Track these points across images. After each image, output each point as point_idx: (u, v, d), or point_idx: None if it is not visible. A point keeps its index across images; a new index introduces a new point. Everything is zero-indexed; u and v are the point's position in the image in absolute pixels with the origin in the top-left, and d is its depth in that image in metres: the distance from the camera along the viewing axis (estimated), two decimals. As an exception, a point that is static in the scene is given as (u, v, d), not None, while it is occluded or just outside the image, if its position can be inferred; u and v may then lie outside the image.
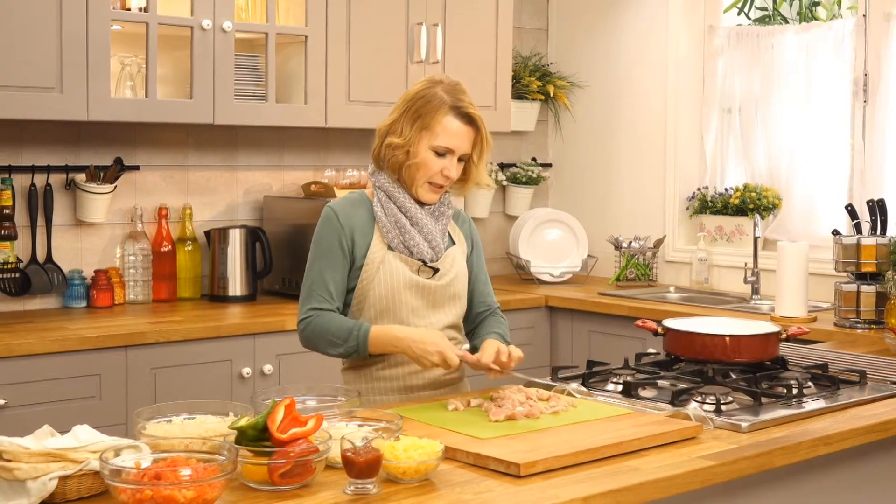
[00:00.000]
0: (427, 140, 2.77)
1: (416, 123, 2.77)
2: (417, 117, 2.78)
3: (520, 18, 5.50)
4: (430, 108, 2.77)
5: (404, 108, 2.81)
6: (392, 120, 2.82)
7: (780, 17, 5.64)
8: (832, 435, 2.49)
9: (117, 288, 4.27)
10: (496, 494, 2.01)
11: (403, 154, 2.79)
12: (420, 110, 2.78)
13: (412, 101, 2.80)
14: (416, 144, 2.78)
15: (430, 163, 2.78)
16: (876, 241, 3.99)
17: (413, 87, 2.84)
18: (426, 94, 2.79)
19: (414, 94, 2.81)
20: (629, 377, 2.85)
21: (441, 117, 2.77)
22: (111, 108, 3.95)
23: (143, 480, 1.82)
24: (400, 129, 2.79)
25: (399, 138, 2.78)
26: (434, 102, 2.77)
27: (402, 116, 2.80)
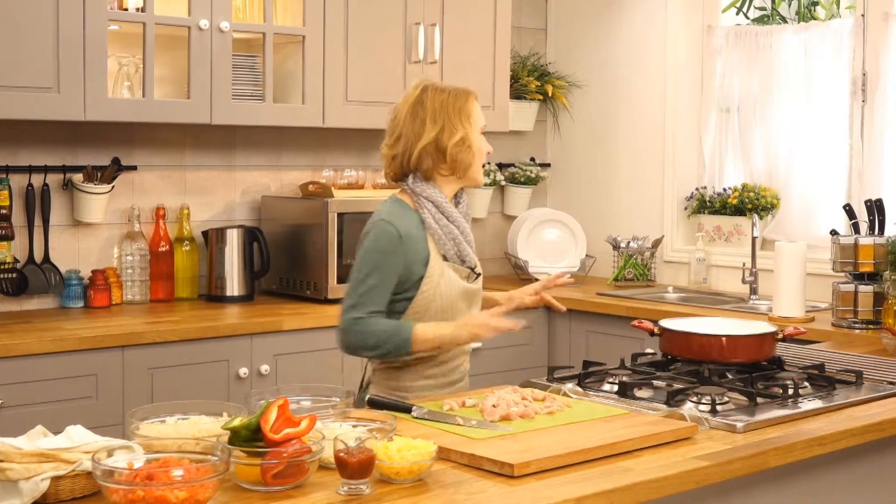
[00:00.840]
0: (474, 124, 2.99)
1: (461, 116, 2.97)
2: (459, 111, 2.97)
3: (518, 18, 5.50)
4: (462, 100, 2.98)
5: (443, 112, 2.96)
6: (439, 129, 2.95)
7: (779, 17, 5.63)
8: (827, 435, 2.48)
9: (114, 288, 4.27)
10: (490, 495, 2.01)
11: (465, 147, 2.96)
12: (457, 105, 2.97)
13: (445, 105, 2.96)
14: (471, 132, 2.97)
15: (482, 145, 3.02)
16: (874, 241, 3.98)
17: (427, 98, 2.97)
18: (449, 92, 2.98)
19: (441, 99, 2.97)
20: (625, 377, 2.84)
21: (473, 103, 3.00)
22: (108, 109, 3.95)
23: (135, 481, 1.81)
24: (452, 130, 2.95)
25: (458, 137, 2.95)
26: (461, 95, 2.99)
27: (448, 121, 2.95)
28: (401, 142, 2.99)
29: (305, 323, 4.11)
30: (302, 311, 4.24)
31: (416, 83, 3.06)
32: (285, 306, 4.34)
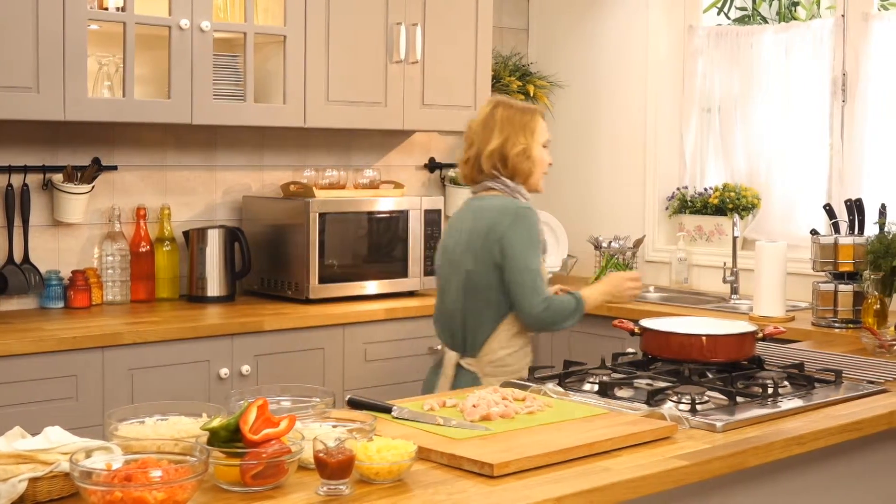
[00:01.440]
0: (536, 139, 3.40)
1: (525, 131, 3.37)
2: (523, 126, 3.38)
3: (500, 18, 5.50)
4: (528, 116, 3.41)
5: (508, 125, 3.38)
6: (503, 139, 3.36)
7: (760, 17, 5.65)
8: (805, 434, 2.49)
9: (95, 288, 4.25)
10: (469, 495, 2.01)
11: (526, 157, 3.37)
12: (523, 120, 3.39)
13: (511, 119, 3.39)
14: (533, 146, 3.38)
15: (544, 157, 3.44)
16: (853, 240, 4.00)
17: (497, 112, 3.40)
18: (516, 109, 3.42)
19: (509, 114, 3.39)
20: (605, 377, 2.85)
21: (538, 120, 3.42)
22: (88, 108, 3.94)
23: (113, 482, 1.81)
24: (516, 140, 3.36)
25: (520, 148, 3.36)
26: (527, 112, 3.42)
27: (512, 132, 3.37)
28: (473, 148, 3.43)
29: (286, 323, 4.11)
30: (283, 311, 4.23)
31: (490, 99, 3.54)
32: (266, 306, 4.33)
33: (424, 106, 4.78)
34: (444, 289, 3.45)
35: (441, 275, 3.47)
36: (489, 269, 3.29)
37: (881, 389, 2.92)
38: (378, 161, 5.12)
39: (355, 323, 4.29)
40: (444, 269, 3.45)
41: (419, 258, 4.69)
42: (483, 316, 3.33)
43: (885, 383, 2.99)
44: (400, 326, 4.42)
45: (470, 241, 3.32)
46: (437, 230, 4.73)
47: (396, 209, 4.66)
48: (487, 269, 3.29)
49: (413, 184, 5.22)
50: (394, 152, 5.18)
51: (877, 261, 3.88)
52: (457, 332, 3.39)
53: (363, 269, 4.59)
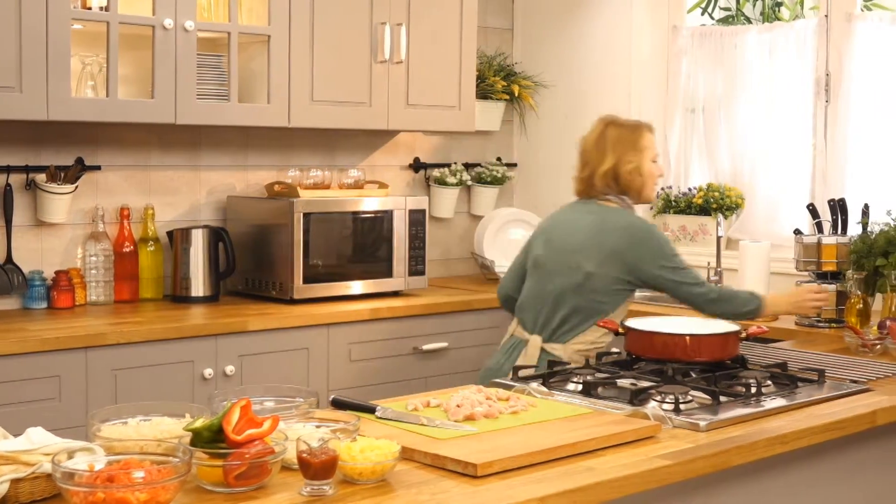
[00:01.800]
0: (646, 154, 3.61)
1: (635, 148, 3.59)
2: (633, 144, 3.59)
3: (484, 18, 5.50)
4: (637, 134, 3.63)
5: (619, 145, 3.60)
6: (616, 159, 3.58)
7: (744, 18, 5.67)
8: (788, 434, 2.50)
9: (78, 289, 4.23)
10: (452, 495, 2.01)
11: (637, 174, 3.58)
12: (630, 138, 3.61)
13: (620, 139, 3.61)
14: (643, 162, 3.60)
15: (654, 170, 3.65)
16: (836, 240, 4.02)
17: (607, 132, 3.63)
18: (625, 127, 3.64)
19: (619, 134, 3.62)
20: (589, 377, 2.85)
21: (646, 136, 3.64)
22: (72, 108, 3.92)
23: (95, 483, 1.80)
24: (629, 158, 3.58)
25: (633, 163, 3.58)
26: (635, 130, 3.64)
27: (623, 152, 3.59)
28: (587, 168, 3.64)
29: (271, 323, 4.10)
30: (267, 311, 4.23)
31: (600, 118, 3.71)
32: (251, 307, 4.32)
33: (409, 106, 4.78)
34: (545, 279, 3.59)
35: (543, 265, 3.62)
36: (610, 280, 3.50)
37: (864, 389, 2.93)
38: (363, 161, 5.11)
39: (340, 323, 4.28)
40: (549, 262, 3.60)
41: (404, 258, 4.69)
42: (588, 312, 3.51)
43: (867, 383, 3.00)
44: (385, 326, 4.42)
45: (594, 248, 3.51)
46: (421, 230, 4.73)
47: (381, 209, 4.65)
48: (609, 279, 3.50)
49: (398, 184, 5.22)
50: (378, 152, 5.18)
51: (860, 260, 3.90)
52: (551, 319, 3.55)
53: (348, 269, 4.59)
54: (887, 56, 4.52)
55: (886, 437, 2.92)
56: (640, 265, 3.48)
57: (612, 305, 3.52)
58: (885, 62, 4.53)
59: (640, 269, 3.48)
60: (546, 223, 3.76)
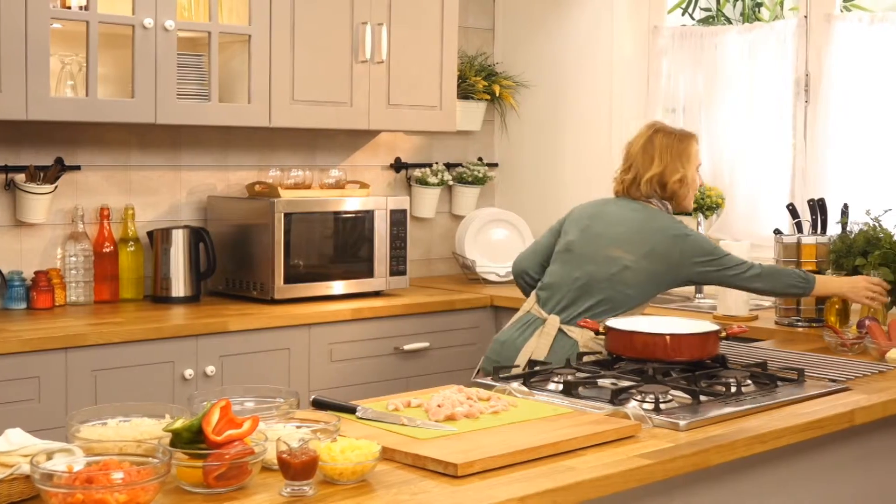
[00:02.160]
0: (692, 164, 3.69)
1: (682, 158, 3.65)
2: (680, 154, 3.65)
3: (466, 18, 5.51)
4: (685, 143, 3.68)
5: (666, 154, 3.65)
6: (663, 167, 3.64)
7: (724, 18, 5.68)
8: (768, 433, 2.51)
9: (58, 289, 4.22)
10: (433, 495, 2.01)
11: (682, 183, 3.66)
12: (679, 148, 3.66)
13: (669, 147, 3.66)
14: (689, 172, 3.67)
15: (697, 179, 3.74)
16: (816, 240, 4.03)
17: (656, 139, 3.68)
18: (673, 135, 3.69)
19: (667, 142, 3.67)
20: (570, 376, 2.86)
21: (693, 146, 3.70)
22: (51, 108, 3.91)
23: (74, 484, 1.80)
24: (676, 168, 3.64)
25: (679, 173, 3.64)
26: (684, 139, 3.69)
27: (671, 160, 3.65)
28: (631, 171, 3.69)
29: (251, 324, 4.09)
30: (248, 311, 4.22)
31: (649, 123, 3.79)
32: (231, 307, 4.31)
33: (390, 106, 4.78)
34: (574, 264, 3.65)
35: (576, 251, 3.66)
36: (645, 276, 3.55)
37: (843, 388, 2.94)
38: (344, 161, 5.11)
39: (321, 323, 4.28)
40: (583, 248, 3.65)
41: (385, 258, 4.69)
42: (615, 302, 3.56)
43: (846, 382, 3.01)
44: (366, 326, 4.42)
45: (636, 243, 3.57)
46: (402, 230, 4.73)
47: (362, 209, 4.65)
48: (644, 275, 3.55)
49: (379, 184, 5.22)
50: (359, 152, 5.17)
51: (839, 260, 3.91)
52: (577, 303, 3.59)
53: (329, 269, 4.59)
54: (866, 56, 4.54)
55: (865, 436, 2.93)
56: (683, 265, 3.55)
57: (639, 300, 3.59)
58: (865, 62, 4.55)
59: (683, 269, 3.56)
60: (584, 211, 3.78)
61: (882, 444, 3.03)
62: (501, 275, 5.19)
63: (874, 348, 3.40)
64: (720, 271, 3.57)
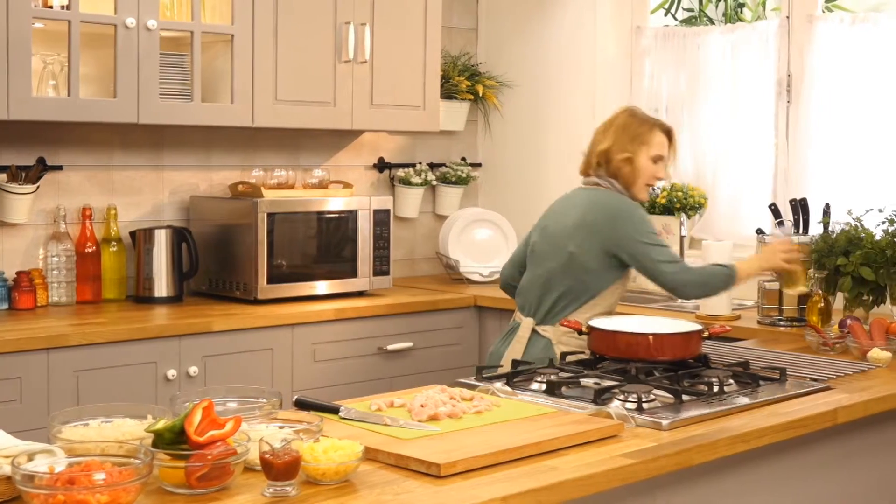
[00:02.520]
0: (646, 151, 3.61)
1: (636, 141, 3.61)
2: (635, 136, 3.62)
3: (449, 18, 5.51)
4: (646, 128, 3.64)
5: (620, 132, 3.64)
6: (612, 143, 3.63)
7: (707, 19, 5.70)
8: (750, 432, 2.51)
9: (40, 290, 4.20)
10: (416, 495, 2.01)
11: (629, 164, 3.60)
12: (636, 131, 3.63)
13: (626, 126, 3.65)
14: (639, 156, 3.60)
15: (649, 169, 3.62)
16: (798, 240, 4.04)
17: (619, 118, 3.69)
18: (637, 118, 3.68)
19: (626, 121, 3.67)
20: (553, 376, 2.86)
21: (654, 134, 3.64)
22: (32, 108, 3.90)
23: (55, 485, 1.79)
24: (622, 147, 3.61)
25: (626, 153, 3.60)
26: (645, 124, 3.65)
27: (619, 138, 3.63)
28: (590, 145, 3.72)
29: (234, 324, 4.08)
30: (231, 311, 4.21)
31: (624, 105, 3.82)
32: (214, 307, 4.30)
33: (373, 106, 4.77)
34: (537, 263, 3.69)
35: (537, 251, 3.71)
36: (592, 257, 3.55)
37: (825, 387, 2.95)
38: (327, 161, 5.10)
39: (304, 323, 4.27)
40: (542, 247, 3.69)
41: (368, 258, 4.69)
42: (577, 292, 3.57)
43: (828, 381, 3.03)
44: (349, 326, 4.41)
45: (577, 228, 3.57)
46: (385, 230, 4.73)
47: (345, 209, 4.65)
48: (591, 256, 3.55)
49: (362, 184, 5.22)
50: (343, 152, 5.17)
51: (821, 260, 3.93)
52: (543, 301, 3.62)
53: (312, 269, 4.58)
54: (848, 57, 4.56)
55: (847, 435, 2.95)
56: (619, 238, 3.51)
57: (599, 285, 3.57)
58: (846, 63, 4.56)
59: (618, 242, 3.51)
60: (545, 213, 3.83)
61: (864, 442, 3.04)
62: (485, 275, 5.19)
63: (856, 347, 3.41)
64: (654, 260, 3.49)
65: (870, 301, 3.87)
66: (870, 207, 4.02)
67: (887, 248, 3.78)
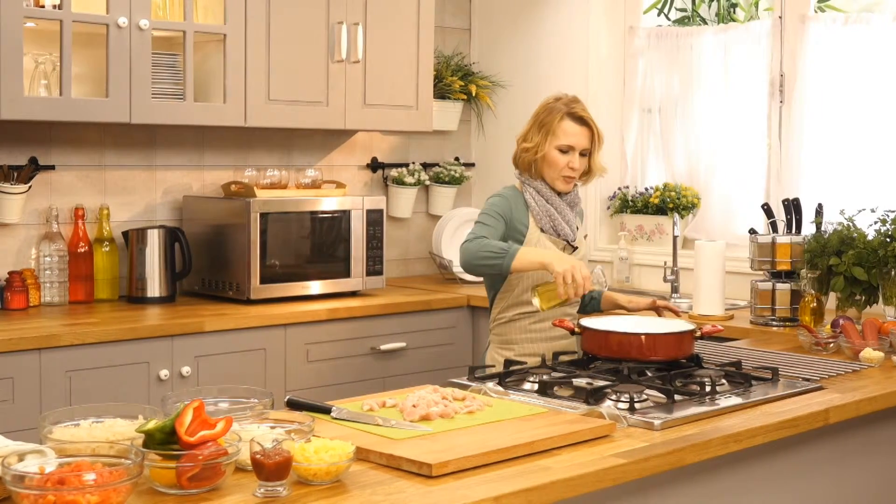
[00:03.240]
0: (550, 139, 3.50)
1: (542, 130, 3.52)
2: (542, 125, 3.52)
3: (442, 18, 5.51)
4: (551, 116, 3.52)
5: (532, 120, 3.56)
6: (525, 130, 3.57)
7: (700, 19, 5.70)
8: (742, 432, 2.51)
9: (32, 290, 4.19)
10: (407, 495, 2.01)
11: (533, 155, 3.52)
12: (544, 119, 3.53)
13: (537, 114, 3.56)
14: (543, 146, 3.50)
15: (558, 159, 3.51)
16: (790, 239, 4.05)
17: (539, 105, 3.58)
18: (548, 107, 3.55)
19: (539, 108, 3.57)
20: (545, 376, 2.86)
21: (560, 122, 3.50)
22: (24, 107, 3.89)
23: (46, 486, 1.79)
24: (530, 136, 3.54)
25: (529, 143, 3.53)
26: (554, 112, 3.52)
27: (531, 127, 3.55)
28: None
29: (227, 324, 4.08)
30: (224, 311, 4.21)
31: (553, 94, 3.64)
32: (207, 307, 4.30)
33: (366, 106, 4.77)
34: None
35: None
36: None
37: (817, 387, 2.95)
38: (320, 161, 5.10)
39: (297, 323, 4.27)
40: None
41: (361, 258, 4.68)
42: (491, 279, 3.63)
43: (820, 381, 3.03)
44: (342, 326, 4.41)
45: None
46: (379, 230, 4.73)
47: (338, 209, 4.64)
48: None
49: (356, 184, 5.21)
50: (336, 152, 5.17)
51: (813, 260, 3.93)
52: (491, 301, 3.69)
53: (305, 269, 4.58)
54: (840, 57, 4.56)
55: (839, 434, 2.95)
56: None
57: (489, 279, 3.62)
58: (839, 63, 4.57)
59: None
60: None
61: (856, 442, 3.04)
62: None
63: (848, 347, 3.41)
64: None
65: (862, 301, 3.87)
66: (862, 207, 4.02)
67: (879, 248, 3.78)
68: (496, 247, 3.35)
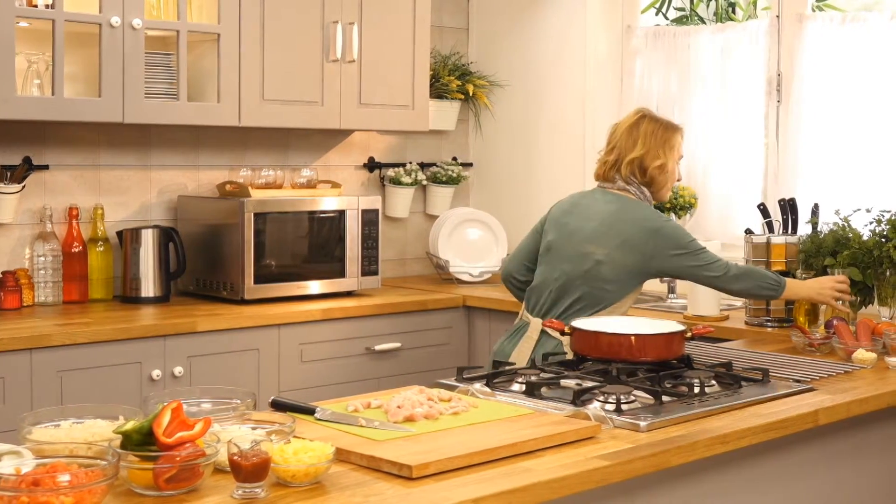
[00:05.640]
0: (674, 155, 3.68)
1: (665, 146, 3.65)
2: (665, 142, 3.65)
3: (440, 17, 5.49)
4: (671, 132, 3.68)
5: (652, 138, 3.65)
6: (645, 151, 3.64)
7: (697, 18, 5.68)
8: (729, 434, 2.49)
9: (26, 290, 4.19)
10: (386, 497, 1.99)
11: (662, 171, 3.65)
12: (663, 135, 3.66)
13: (654, 133, 3.66)
14: (670, 161, 3.66)
15: (677, 171, 3.73)
16: (785, 240, 4.03)
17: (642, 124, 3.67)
18: (660, 123, 3.69)
19: (653, 128, 3.67)
20: (533, 377, 2.84)
21: (678, 138, 3.70)
22: (17, 107, 3.88)
23: (20, 487, 1.77)
24: (655, 155, 3.63)
25: (659, 162, 3.64)
26: (669, 128, 3.69)
27: (653, 146, 3.64)
28: (614, 152, 3.68)
29: (220, 324, 4.07)
30: (217, 311, 4.19)
31: (637, 109, 3.77)
32: (201, 307, 4.29)
33: (362, 105, 4.76)
34: (553, 263, 3.66)
35: (554, 250, 3.68)
36: (620, 269, 3.55)
37: (807, 388, 2.93)
38: (317, 161, 5.09)
39: (291, 323, 4.26)
40: (560, 247, 3.66)
41: (357, 258, 4.67)
42: (594, 299, 3.56)
43: (811, 382, 3.01)
44: (336, 327, 4.40)
45: (607, 237, 3.56)
46: (374, 230, 4.71)
47: (333, 209, 4.63)
48: (619, 268, 3.54)
49: (352, 183, 5.20)
50: (332, 152, 5.15)
51: (808, 260, 3.91)
52: (557, 304, 3.61)
53: (300, 269, 4.56)
54: (838, 56, 4.54)
55: (829, 436, 2.93)
56: (656, 256, 3.53)
57: (618, 294, 3.57)
58: (836, 62, 4.55)
59: (656, 260, 3.53)
60: (562, 208, 3.78)
61: (846, 444, 3.02)
62: (475, 275, 5.18)
63: (841, 348, 3.39)
64: (693, 267, 3.54)
65: (857, 301, 3.85)
66: (857, 207, 4.00)
67: (875, 249, 3.76)
68: (770, 277, 3.63)
